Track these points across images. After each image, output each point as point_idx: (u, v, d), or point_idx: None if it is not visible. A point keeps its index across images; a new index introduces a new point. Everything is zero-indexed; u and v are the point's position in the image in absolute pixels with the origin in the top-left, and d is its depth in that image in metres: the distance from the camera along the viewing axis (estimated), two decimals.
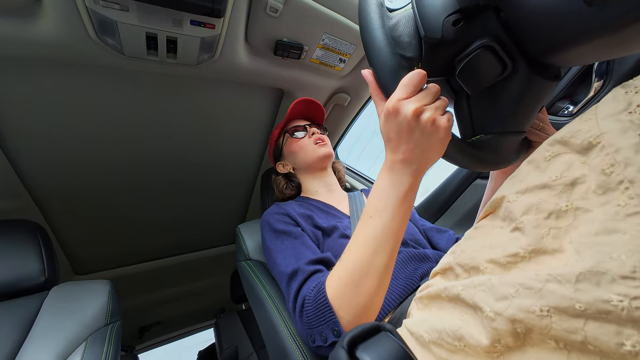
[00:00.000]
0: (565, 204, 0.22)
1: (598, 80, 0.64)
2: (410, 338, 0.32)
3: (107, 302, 0.70)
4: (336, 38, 0.83)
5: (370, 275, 0.41)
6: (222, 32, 0.70)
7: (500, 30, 0.33)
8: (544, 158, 0.25)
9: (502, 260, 0.24)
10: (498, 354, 0.22)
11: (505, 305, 0.21)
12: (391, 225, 0.41)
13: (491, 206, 0.29)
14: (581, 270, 0.18)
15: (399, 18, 0.36)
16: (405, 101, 0.35)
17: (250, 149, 1.25)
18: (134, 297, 1.70)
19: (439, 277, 0.33)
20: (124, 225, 1.31)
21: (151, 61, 0.73)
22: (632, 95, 0.21)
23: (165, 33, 0.65)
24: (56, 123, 0.84)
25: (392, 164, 0.40)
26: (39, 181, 0.97)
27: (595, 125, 0.22)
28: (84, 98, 0.81)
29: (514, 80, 0.35)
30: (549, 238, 0.22)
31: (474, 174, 0.93)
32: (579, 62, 0.35)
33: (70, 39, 0.63)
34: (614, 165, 0.19)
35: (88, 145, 0.94)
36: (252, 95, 1.01)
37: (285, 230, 0.65)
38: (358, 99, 1.12)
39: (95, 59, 0.69)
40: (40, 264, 0.72)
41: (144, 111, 0.91)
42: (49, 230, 1.13)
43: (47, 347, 0.57)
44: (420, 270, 0.60)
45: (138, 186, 1.17)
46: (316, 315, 0.46)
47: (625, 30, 0.25)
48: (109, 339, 0.63)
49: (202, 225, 1.55)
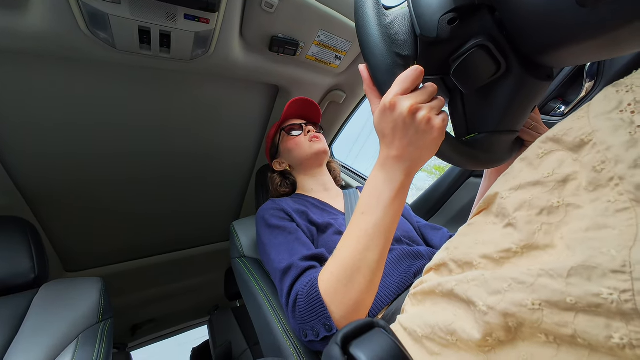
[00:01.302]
0: (557, 200, 0.22)
1: (589, 81, 0.65)
2: (403, 333, 0.32)
3: (99, 300, 0.69)
4: (332, 35, 0.83)
5: (362, 271, 0.42)
6: (217, 27, 0.69)
7: (494, 30, 0.34)
8: (537, 155, 0.25)
9: (495, 256, 0.24)
10: (489, 348, 0.23)
11: (498, 300, 0.21)
12: (383, 221, 0.41)
13: (485, 203, 0.30)
14: (573, 265, 0.18)
15: (395, 16, 0.36)
16: (402, 97, 0.35)
17: (245, 145, 1.24)
18: (126, 294, 1.68)
19: (432, 273, 0.34)
20: (116, 222, 1.29)
21: (144, 56, 0.72)
22: (623, 94, 0.21)
23: (159, 27, 0.64)
24: (46, 118, 0.82)
25: (385, 160, 0.40)
26: (28, 177, 0.95)
27: (587, 123, 0.22)
28: (75, 93, 0.79)
29: (507, 79, 0.36)
30: (540, 234, 0.22)
31: (467, 172, 0.94)
32: (571, 63, 0.36)
33: (59, 31, 0.61)
34: (604, 163, 0.20)
35: (79, 141, 0.92)
36: (247, 91, 1.00)
37: (279, 226, 0.65)
38: (353, 97, 1.12)
39: (86, 52, 0.67)
40: (30, 261, 0.70)
41: (136, 106, 0.89)
42: (39, 227, 1.11)
43: (36, 345, 0.56)
44: (414, 267, 0.61)
45: (130, 182, 1.16)
46: (308, 310, 0.46)
47: (616, 31, 0.25)
48: (100, 337, 0.62)
49: (196, 222, 1.53)
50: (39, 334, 0.58)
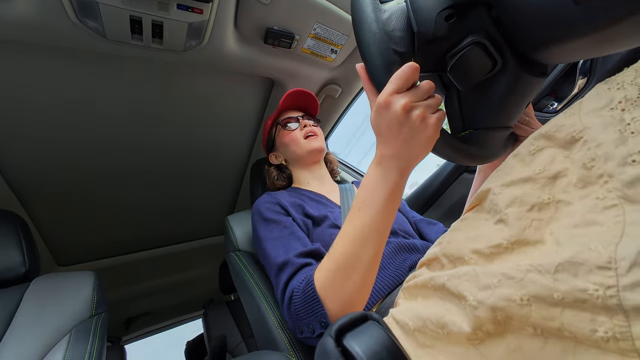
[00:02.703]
0: (548, 196, 0.22)
1: (582, 78, 0.66)
2: (395, 326, 0.33)
3: (92, 294, 0.68)
4: (328, 28, 0.82)
5: (357, 268, 0.42)
6: (211, 17, 0.68)
7: (491, 26, 0.34)
8: (529, 152, 0.25)
9: (486, 251, 0.24)
10: (479, 340, 0.23)
11: (487, 295, 0.22)
12: (379, 218, 0.41)
13: (477, 199, 0.30)
14: (560, 261, 0.19)
15: (392, 12, 0.36)
16: (396, 96, 0.35)
17: (240, 139, 1.23)
18: (119, 288, 1.67)
19: (425, 268, 0.34)
20: (108, 215, 1.28)
21: (136, 46, 0.70)
22: (615, 92, 0.21)
23: (151, 17, 0.62)
24: (34, 109, 0.80)
25: (381, 159, 0.41)
26: (17, 170, 0.93)
27: (579, 120, 0.22)
28: (64, 83, 0.77)
29: (503, 76, 0.36)
30: (531, 229, 0.22)
31: (461, 168, 0.94)
32: (565, 59, 0.36)
33: (47, 20, 0.59)
34: (594, 160, 0.20)
35: (69, 133, 0.90)
36: (241, 84, 0.99)
37: (275, 219, 0.65)
38: (349, 91, 1.12)
39: (75, 42, 0.66)
40: (20, 254, 0.70)
41: (127, 98, 0.88)
42: (29, 221, 1.09)
43: (29, 339, 0.56)
44: (409, 261, 0.62)
45: (122, 175, 1.14)
46: (304, 307, 0.46)
47: (610, 28, 0.26)
48: (94, 331, 0.62)
49: (190, 215, 1.53)
50: (32, 328, 0.58)
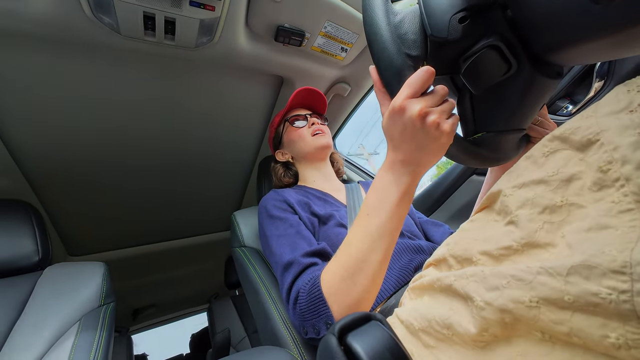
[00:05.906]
0: (560, 199, 0.22)
1: (599, 81, 0.64)
2: (400, 326, 0.33)
3: (101, 284, 0.70)
4: (338, 26, 0.81)
5: (364, 272, 0.42)
6: (222, 14, 0.68)
7: (505, 29, 0.33)
8: (543, 154, 0.25)
9: (495, 253, 0.24)
10: (485, 343, 0.23)
11: (495, 296, 0.22)
12: (388, 224, 0.41)
13: (488, 200, 0.30)
14: (572, 264, 0.18)
15: (405, 15, 0.35)
16: (411, 100, 0.34)
17: (248, 136, 1.24)
18: (128, 279, 1.71)
19: (432, 268, 0.34)
20: (119, 208, 1.30)
21: (148, 42, 0.71)
22: (634, 94, 0.21)
23: (164, 13, 0.63)
24: (49, 102, 0.82)
25: (392, 164, 0.40)
26: (34, 162, 0.96)
27: (595, 122, 0.22)
28: (78, 77, 0.79)
29: (517, 78, 0.35)
30: (542, 232, 0.22)
31: (470, 170, 0.93)
32: (582, 61, 0.35)
33: (63, 15, 0.61)
34: (611, 163, 0.20)
35: (82, 125, 0.92)
36: (251, 81, 0.99)
37: (281, 217, 0.65)
38: (358, 90, 1.11)
39: (89, 37, 0.67)
40: (34, 243, 0.71)
41: (139, 93, 0.89)
42: (43, 212, 1.12)
43: (40, 326, 0.57)
44: (414, 261, 0.61)
45: (133, 169, 1.16)
46: (309, 308, 0.46)
47: (629, 30, 0.25)
48: (102, 320, 0.64)
49: (197, 211, 1.55)
50: (43, 315, 0.60)
